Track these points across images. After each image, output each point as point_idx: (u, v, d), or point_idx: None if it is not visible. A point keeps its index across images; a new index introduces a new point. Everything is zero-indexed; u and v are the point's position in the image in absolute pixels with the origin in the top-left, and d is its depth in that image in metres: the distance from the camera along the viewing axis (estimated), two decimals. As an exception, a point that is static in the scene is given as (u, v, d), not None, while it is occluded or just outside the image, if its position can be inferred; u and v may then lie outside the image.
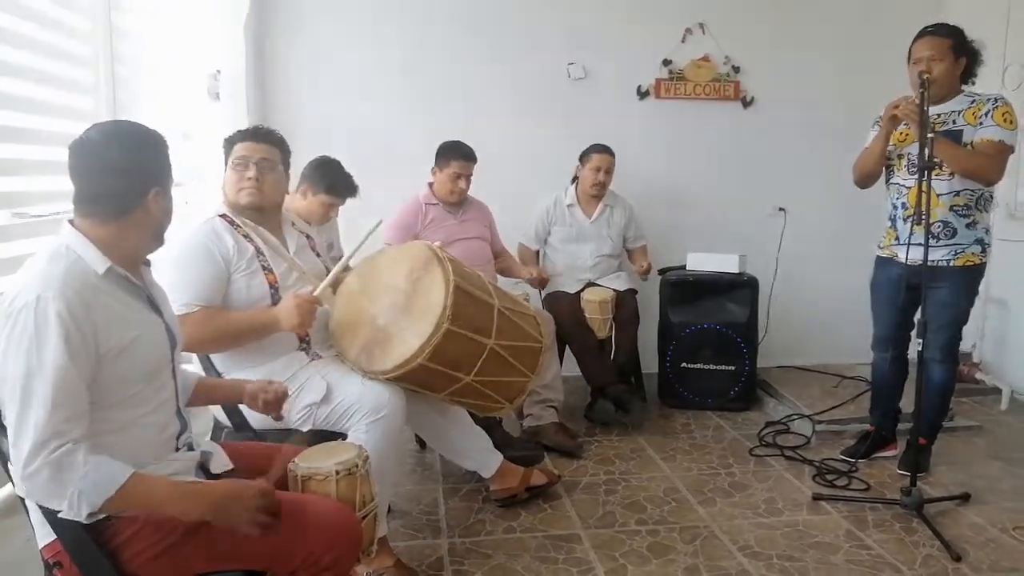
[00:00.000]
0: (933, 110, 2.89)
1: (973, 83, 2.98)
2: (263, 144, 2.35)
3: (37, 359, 1.38)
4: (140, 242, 1.62)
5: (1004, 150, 2.82)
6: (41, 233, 2.31)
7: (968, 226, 2.91)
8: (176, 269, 2.19)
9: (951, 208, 2.89)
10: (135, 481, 1.42)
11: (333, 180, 3.05)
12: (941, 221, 2.89)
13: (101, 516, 1.44)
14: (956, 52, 2.85)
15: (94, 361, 1.46)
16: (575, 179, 4.00)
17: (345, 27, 4.17)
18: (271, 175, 2.34)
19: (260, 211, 2.36)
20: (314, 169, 3.08)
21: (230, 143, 2.36)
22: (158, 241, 1.67)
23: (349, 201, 3.19)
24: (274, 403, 1.91)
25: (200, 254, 2.22)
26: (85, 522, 1.42)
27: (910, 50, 2.92)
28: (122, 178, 1.54)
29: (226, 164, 2.36)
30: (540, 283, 3.76)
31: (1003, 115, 2.81)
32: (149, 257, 1.72)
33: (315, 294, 2.22)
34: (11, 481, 1.54)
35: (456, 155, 3.52)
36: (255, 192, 2.32)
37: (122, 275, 1.57)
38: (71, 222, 1.56)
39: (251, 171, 2.32)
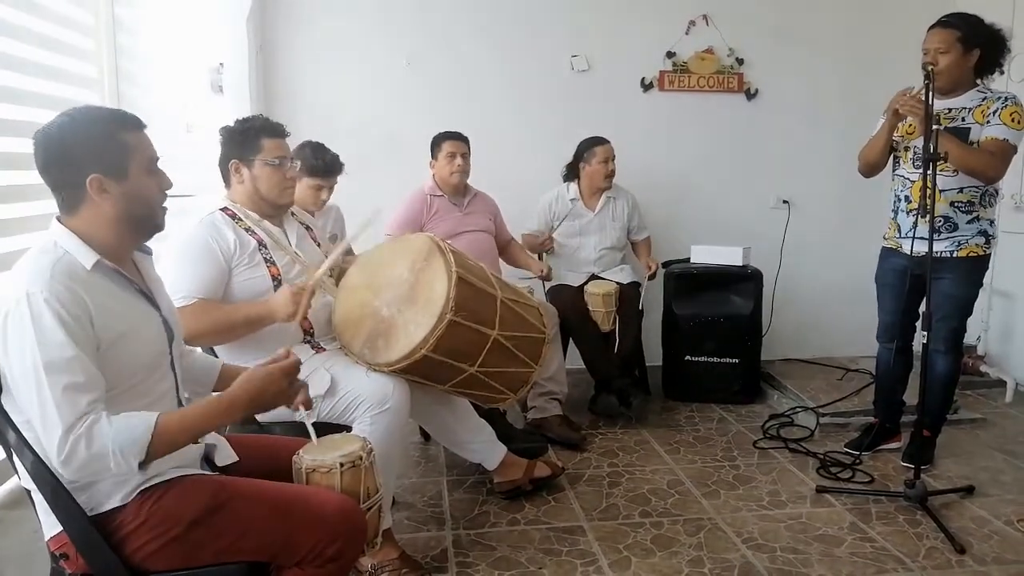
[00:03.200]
0: (943, 104, 2.86)
1: (1001, 73, 2.92)
2: (286, 140, 2.37)
3: (41, 351, 1.38)
4: (113, 234, 1.54)
5: (1007, 149, 2.79)
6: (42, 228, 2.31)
7: (970, 221, 2.90)
8: (177, 264, 2.20)
9: (952, 204, 2.88)
10: (164, 420, 1.44)
11: (312, 161, 3.02)
12: (942, 216, 2.87)
13: (153, 461, 1.44)
14: (965, 43, 2.79)
15: (94, 346, 1.45)
16: (574, 177, 3.96)
17: (348, 19, 4.16)
18: (296, 171, 2.39)
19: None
20: (295, 154, 3.06)
21: (255, 135, 2.31)
22: (139, 230, 1.60)
23: (353, 193, 3.17)
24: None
25: (201, 250, 2.21)
26: (140, 473, 1.45)
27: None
28: (56, 169, 1.50)
29: (241, 157, 2.32)
30: (547, 275, 3.76)
31: (1011, 114, 2.77)
32: (152, 248, 1.72)
33: (314, 278, 2.21)
34: (16, 474, 1.55)
35: (444, 137, 3.56)
36: (294, 191, 2.39)
37: (111, 268, 1.55)
38: (59, 218, 1.55)
39: (292, 170, 2.36)
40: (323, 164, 3.04)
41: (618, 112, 4.38)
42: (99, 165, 1.49)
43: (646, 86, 4.45)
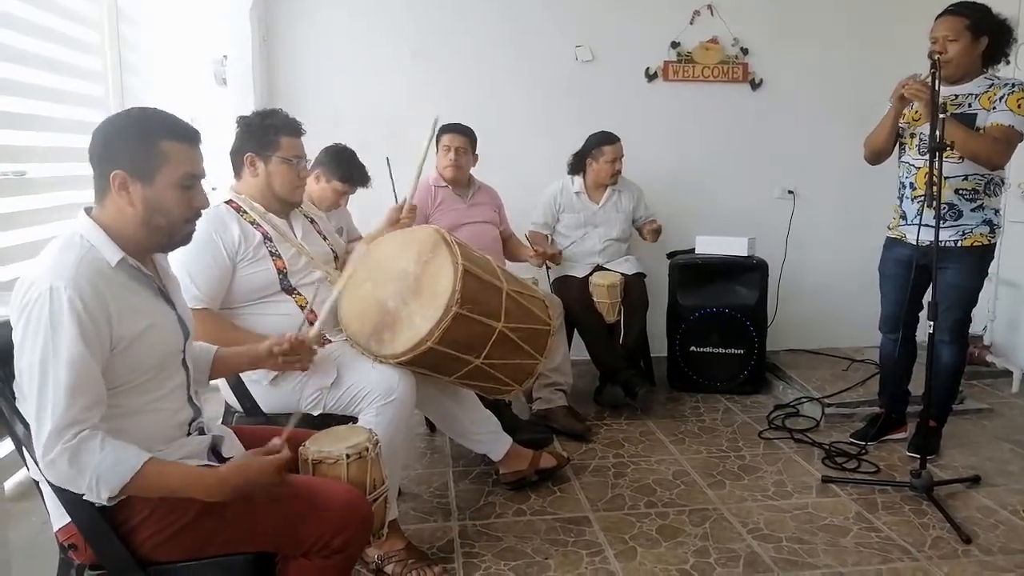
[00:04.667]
0: (950, 91, 2.86)
1: (1007, 62, 2.91)
2: (301, 139, 2.38)
3: (53, 348, 1.39)
4: (136, 233, 1.56)
5: (1013, 135, 2.78)
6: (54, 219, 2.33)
7: (974, 209, 2.89)
8: (183, 261, 2.18)
9: (956, 191, 2.87)
10: (151, 466, 1.43)
11: (348, 169, 3.09)
12: (946, 204, 2.85)
13: (122, 498, 1.45)
14: (974, 31, 2.79)
15: (108, 349, 1.46)
16: (580, 169, 3.96)
17: (351, 10, 4.15)
18: (308, 171, 2.41)
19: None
20: (331, 157, 3.10)
21: (275, 132, 2.31)
22: (156, 240, 1.60)
23: (360, 188, 3.19)
24: (291, 353, 1.92)
25: (205, 245, 2.20)
26: (107, 504, 1.44)
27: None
28: (93, 154, 1.54)
29: (258, 151, 2.32)
30: (551, 258, 3.74)
31: (1017, 100, 2.76)
32: None
33: (312, 333, 2.12)
34: (25, 465, 1.56)
35: (445, 129, 3.53)
36: (304, 189, 2.40)
37: (134, 266, 1.57)
38: (87, 211, 1.56)
39: (305, 169, 2.37)
40: (358, 175, 3.11)
41: (622, 103, 4.36)
42: (128, 164, 1.52)
43: (650, 76, 4.43)
